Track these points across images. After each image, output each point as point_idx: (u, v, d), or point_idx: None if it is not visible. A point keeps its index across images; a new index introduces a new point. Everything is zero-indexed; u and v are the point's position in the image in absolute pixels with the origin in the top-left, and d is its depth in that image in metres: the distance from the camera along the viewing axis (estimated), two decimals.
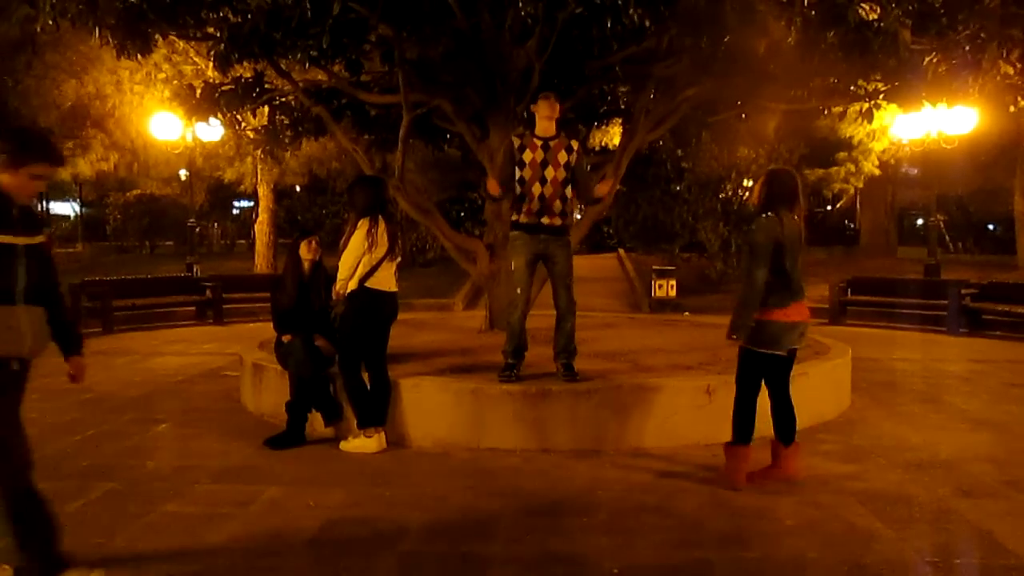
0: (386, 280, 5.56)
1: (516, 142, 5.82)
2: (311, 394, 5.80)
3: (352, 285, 5.50)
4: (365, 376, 5.63)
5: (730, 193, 19.68)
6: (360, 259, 5.46)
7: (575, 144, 5.86)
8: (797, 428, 4.88)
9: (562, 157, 5.76)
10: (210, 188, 27.29)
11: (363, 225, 5.45)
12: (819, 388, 6.41)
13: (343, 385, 5.66)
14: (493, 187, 5.84)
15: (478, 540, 3.98)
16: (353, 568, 3.67)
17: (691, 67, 7.78)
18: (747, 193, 19.91)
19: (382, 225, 5.50)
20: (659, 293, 16.53)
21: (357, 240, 5.45)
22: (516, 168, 5.74)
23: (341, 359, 5.65)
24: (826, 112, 10.09)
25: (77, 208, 40.62)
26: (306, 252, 5.99)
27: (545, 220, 5.76)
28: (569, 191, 5.81)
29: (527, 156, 5.74)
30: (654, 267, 17.36)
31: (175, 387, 8.08)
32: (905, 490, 4.72)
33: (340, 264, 5.50)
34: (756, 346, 4.59)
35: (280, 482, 4.87)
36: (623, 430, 5.57)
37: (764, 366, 4.67)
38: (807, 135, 19.01)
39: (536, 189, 5.72)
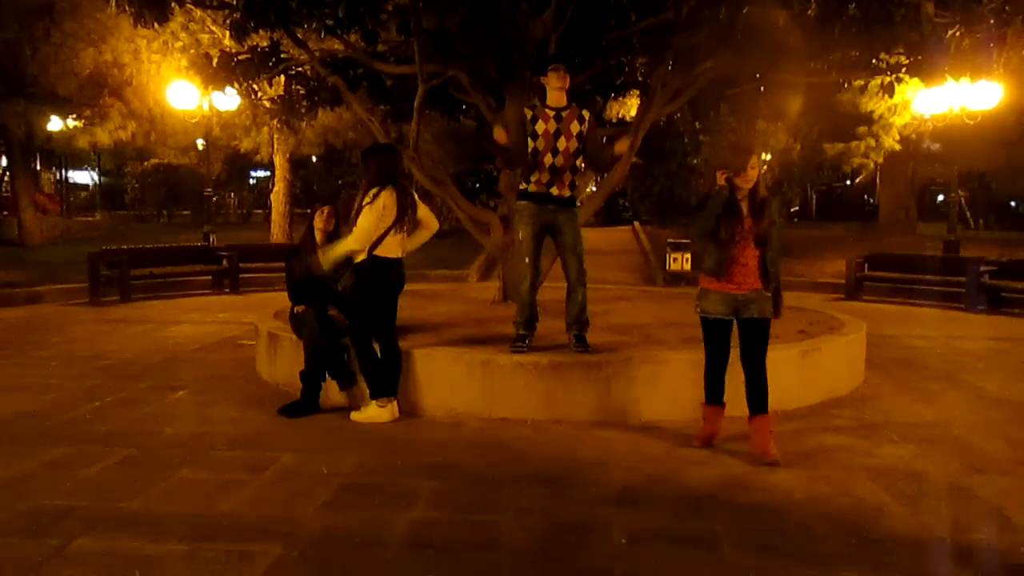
0: (392, 248, 5.58)
1: (528, 113, 5.79)
2: (325, 363, 5.84)
3: (360, 255, 5.52)
4: (376, 347, 5.67)
5: None
6: (373, 230, 5.46)
7: (587, 114, 5.82)
8: (810, 403, 4.90)
9: (574, 127, 5.73)
10: (227, 158, 27.36)
11: (374, 196, 5.44)
12: (832, 364, 6.39)
13: (355, 355, 5.70)
14: (500, 134, 5.71)
15: (488, 509, 4.02)
16: (364, 534, 3.72)
17: (710, 39, 7.69)
18: (764, 167, 19.74)
19: (394, 195, 5.49)
20: (674, 267, 16.46)
21: (373, 211, 5.44)
22: (529, 139, 5.71)
23: (352, 330, 5.69)
24: (847, 86, 9.97)
25: (96, 177, 40.87)
26: (320, 222, 6.01)
27: (554, 191, 5.75)
28: (581, 162, 5.80)
29: (539, 127, 5.72)
30: (669, 240, 17.27)
31: (192, 355, 8.17)
32: (916, 466, 4.71)
33: (353, 234, 5.49)
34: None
35: (294, 449, 4.92)
36: (634, 402, 5.58)
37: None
38: (827, 109, 18.76)
39: (548, 159, 5.71)
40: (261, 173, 36.40)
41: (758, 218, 4.69)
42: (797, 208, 33.23)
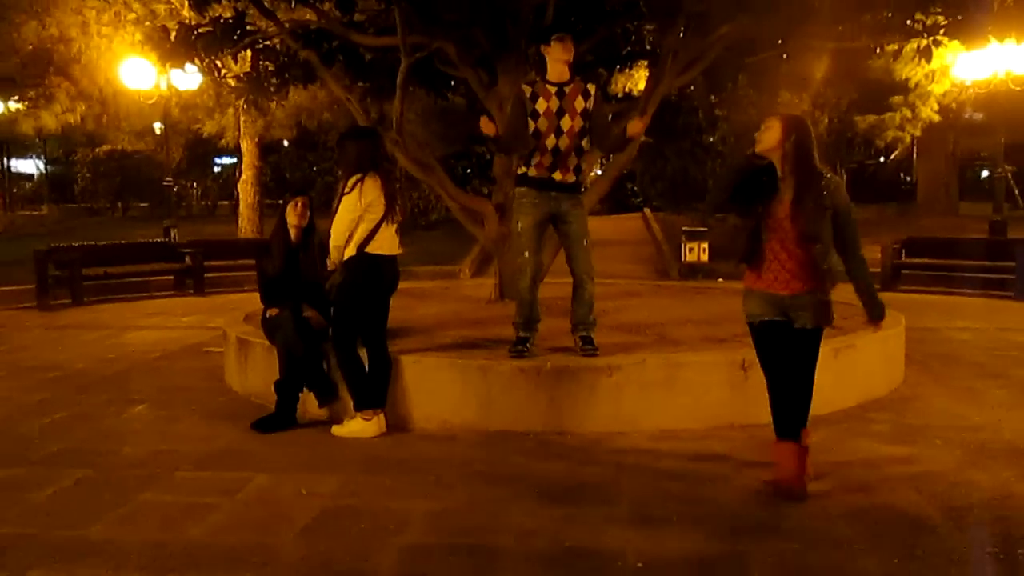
0: (386, 243, 5.56)
1: (527, 90, 5.76)
2: (302, 372, 5.83)
3: (350, 251, 5.50)
4: (362, 352, 5.65)
5: None
6: (355, 223, 5.45)
7: (592, 88, 5.80)
8: (845, 406, 4.87)
9: (579, 104, 5.71)
10: (188, 143, 27.30)
11: (354, 184, 5.43)
12: (868, 362, 6.39)
13: (337, 362, 5.68)
14: (487, 125, 5.58)
15: (488, 533, 4.01)
16: (349, 563, 3.71)
17: (726, 1, 7.66)
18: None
19: (378, 183, 5.48)
20: (690, 258, 16.44)
21: (350, 202, 5.43)
22: (530, 119, 5.69)
23: (335, 334, 5.67)
24: (879, 51, 9.95)
25: (41, 166, 40.79)
26: (293, 216, 5.99)
27: (557, 176, 5.73)
28: (586, 143, 5.78)
29: (540, 105, 5.69)
30: (684, 228, 17.25)
31: (152, 364, 8.15)
32: (964, 475, 4.71)
33: (332, 230, 5.50)
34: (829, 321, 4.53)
35: (269, 469, 4.91)
36: (649, 410, 5.58)
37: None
38: (857, 77, 18.75)
39: (551, 141, 5.69)
40: (227, 160, 36.26)
41: (800, 202, 4.18)
42: None
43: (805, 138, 4.25)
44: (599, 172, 7.92)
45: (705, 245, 16.49)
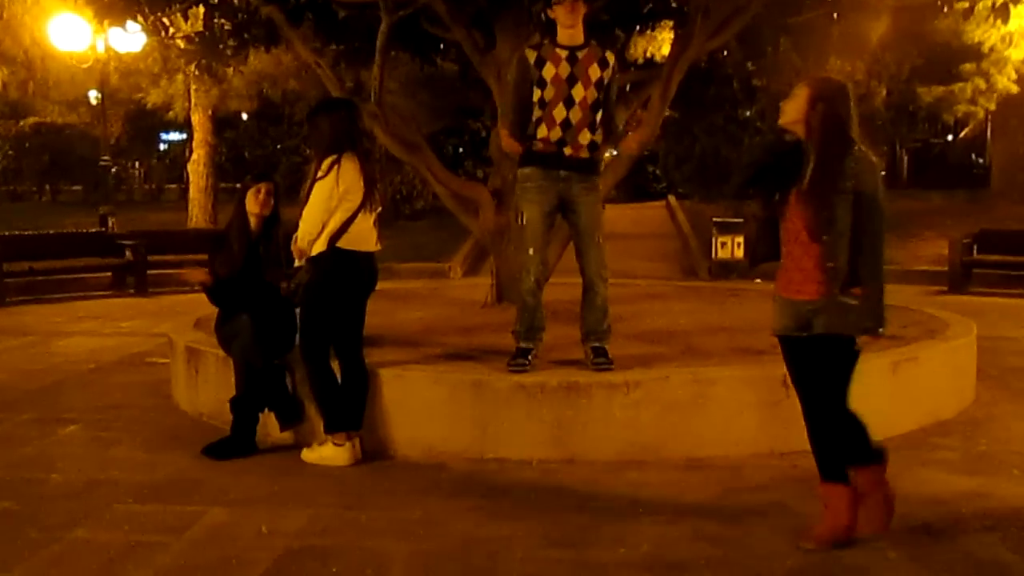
0: (363, 237, 5.57)
1: (532, 55, 5.77)
2: (263, 388, 5.83)
3: (319, 246, 5.51)
4: (334, 365, 5.66)
5: None
6: (329, 212, 5.45)
7: (611, 56, 5.82)
8: (905, 429, 4.84)
9: (594, 72, 5.72)
10: (129, 116, 27.30)
11: (330, 166, 5.44)
12: (933, 377, 6.40)
13: (305, 376, 5.69)
14: (510, 143, 5.76)
15: None
16: None
17: None
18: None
19: (356, 165, 5.49)
20: (722, 254, 16.46)
21: (324, 188, 5.43)
22: (536, 88, 5.70)
23: (303, 343, 5.68)
24: (946, 9, 9.95)
25: None
26: (253, 204, 5.99)
27: (567, 151, 5.74)
28: (600, 118, 5.79)
29: (548, 72, 5.70)
30: (715, 219, 17.26)
31: (86, 378, 8.16)
32: None
33: (302, 219, 5.50)
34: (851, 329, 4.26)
35: (224, 502, 4.91)
36: (673, 434, 5.58)
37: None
38: (921, 41, 18.76)
39: (560, 112, 5.69)
40: (175, 136, 36.26)
41: (813, 185, 4.06)
42: (883, 172, 33.28)
43: (836, 108, 4.10)
44: (614, 152, 7.90)
45: (740, 239, 16.47)
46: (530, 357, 5.81)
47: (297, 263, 5.70)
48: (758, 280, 14.43)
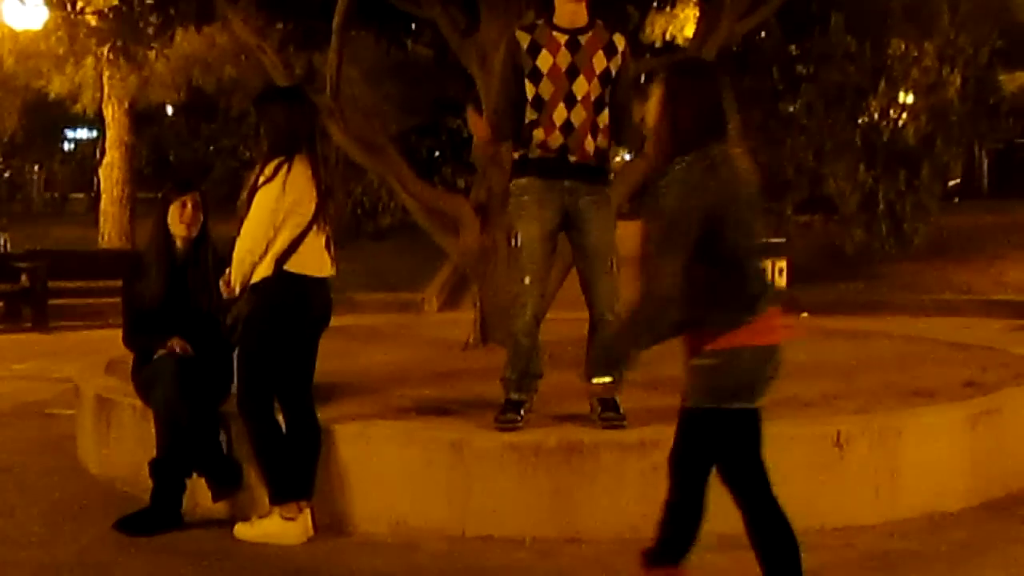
0: (314, 260, 5.59)
1: (525, 39, 5.79)
2: (190, 447, 5.82)
3: (263, 270, 5.52)
4: (280, 419, 5.67)
5: (876, 115, 19.62)
6: (274, 227, 5.47)
7: (620, 41, 5.84)
8: (988, 497, 4.87)
9: (599, 62, 5.75)
10: (26, 108, 27.22)
11: (275, 169, 5.46)
12: (1022, 434, 6.44)
13: (244, 433, 5.70)
14: (482, 128, 5.73)
15: None
16: None
17: None
18: (902, 115, 19.83)
19: (308, 170, 5.52)
20: None
21: (269, 196, 5.44)
22: (528, 81, 5.73)
23: (242, 391, 5.68)
24: None
25: None
26: (178, 220, 6.01)
27: (572, 157, 5.77)
28: (604, 118, 5.80)
29: (543, 61, 5.72)
30: None
31: None
32: None
33: (240, 236, 5.51)
34: (715, 400, 4.26)
35: None
36: None
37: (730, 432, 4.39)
38: (1003, 16, 18.94)
39: (560, 113, 5.71)
40: (83, 134, 36.30)
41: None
42: (959, 180, 33.19)
43: (687, 107, 4.01)
44: (628, 156, 7.92)
45: (782, 264, 16.56)
46: (523, 411, 5.80)
47: (227, 292, 5.69)
48: (804, 314, 14.51)
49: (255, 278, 5.54)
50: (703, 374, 4.14)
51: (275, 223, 5.46)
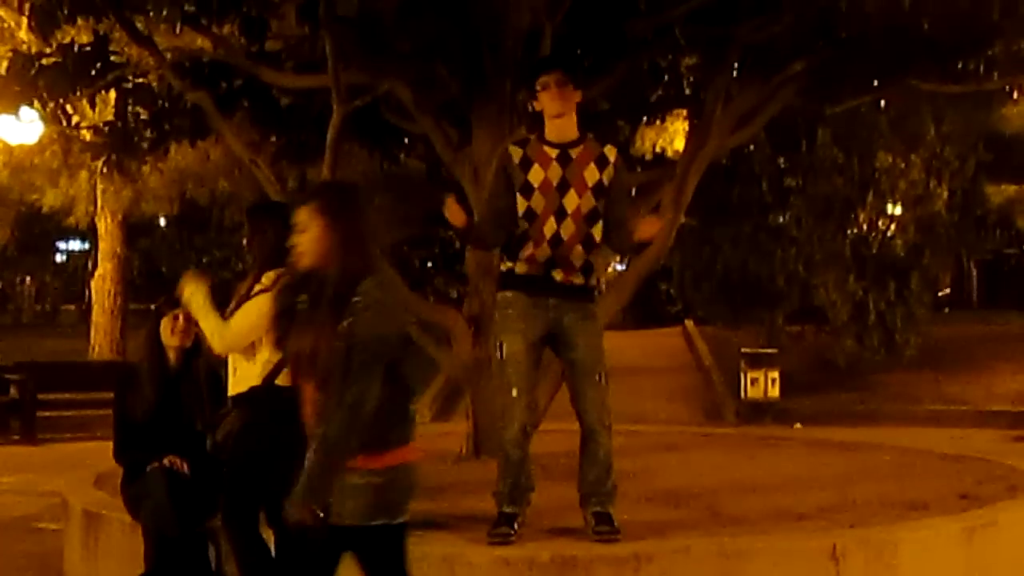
0: None
1: (517, 154, 5.81)
2: (179, 563, 5.78)
3: (253, 380, 5.50)
4: (268, 535, 5.60)
5: (865, 226, 19.78)
6: (260, 332, 5.45)
7: (611, 152, 5.87)
8: None
9: (590, 175, 5.77)
10: (19, 220, 27.37)
11: (275, 280, 5.46)
12: (1019, 547, 6.36)
13: (231, 549, 5.62)
14: (459, 216, 5.71)
15: None
16: None
17: (797, 27, 7.87)
18: (890, 226, 20.02)
19: None
20: (752, 392, 16.51)
21: (263, 305, 5.42)
22: (519, 195, 5.75)
23: (229, 507, 5.63)
24: (1016, 95, 10.20)
25: None
26: (171, 335, 6.02)
27: (558, 275, 5.77)
28: (598, 230, 5.82)
29: (535, 176, 5.74)
30: (744, 350, 17.36)
31: None
32: None
33: (231, 326, 5.48)
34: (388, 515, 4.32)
35: None
36: None
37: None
38: (988, 132, 19.21)
39: (549, 227, 5.72)
40: (76, 245, 36.47)
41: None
42: (948, 291, 33.37)
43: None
44: (620, 267, 7.95)
45: (774, 374, 16.56)
46: (516, 525, 5.73)
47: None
48: (798, 425, 14.47)
49: (243, 387, 5.51)
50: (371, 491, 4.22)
51: (262, 329, 5.44)
